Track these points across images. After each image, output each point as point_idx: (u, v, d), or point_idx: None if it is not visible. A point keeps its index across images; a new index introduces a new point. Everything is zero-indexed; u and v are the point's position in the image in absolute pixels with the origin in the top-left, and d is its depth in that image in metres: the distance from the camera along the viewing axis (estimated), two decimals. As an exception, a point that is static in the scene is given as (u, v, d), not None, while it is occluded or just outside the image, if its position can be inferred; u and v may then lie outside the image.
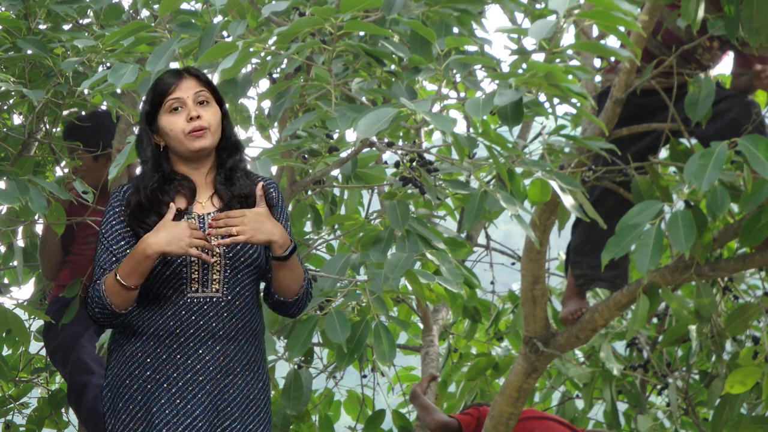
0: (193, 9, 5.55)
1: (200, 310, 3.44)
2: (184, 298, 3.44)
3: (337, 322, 4.13)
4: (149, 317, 3.45)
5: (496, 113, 3.79)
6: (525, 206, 4.20)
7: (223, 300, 3.46)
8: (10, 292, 6.62)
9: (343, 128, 3.86)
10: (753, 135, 4.26)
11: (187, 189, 3.52)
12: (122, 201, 3.51)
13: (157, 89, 3.53)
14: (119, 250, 3.46)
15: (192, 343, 3.44)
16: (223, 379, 3.45)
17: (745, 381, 5.34)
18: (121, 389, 3.46)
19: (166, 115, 3.51)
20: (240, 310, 3.48)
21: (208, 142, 3.50)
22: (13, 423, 6.64)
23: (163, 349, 3.44)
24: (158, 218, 3.44)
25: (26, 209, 5.42)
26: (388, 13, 3.97)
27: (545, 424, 5.59)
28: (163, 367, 3.43)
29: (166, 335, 3.44)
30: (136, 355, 3.45)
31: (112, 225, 3.49)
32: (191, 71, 3.56)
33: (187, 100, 3.50)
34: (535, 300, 5.10)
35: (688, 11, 4.43)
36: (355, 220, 5.36)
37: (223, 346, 3.45)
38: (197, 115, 3.48)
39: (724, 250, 5.55)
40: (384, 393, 7.00)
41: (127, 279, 3.37)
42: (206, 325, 3.44)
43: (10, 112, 5.93)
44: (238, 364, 3.47)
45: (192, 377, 3.43)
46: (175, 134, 3.49)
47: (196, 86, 3.52)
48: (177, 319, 3.44)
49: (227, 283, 3.46)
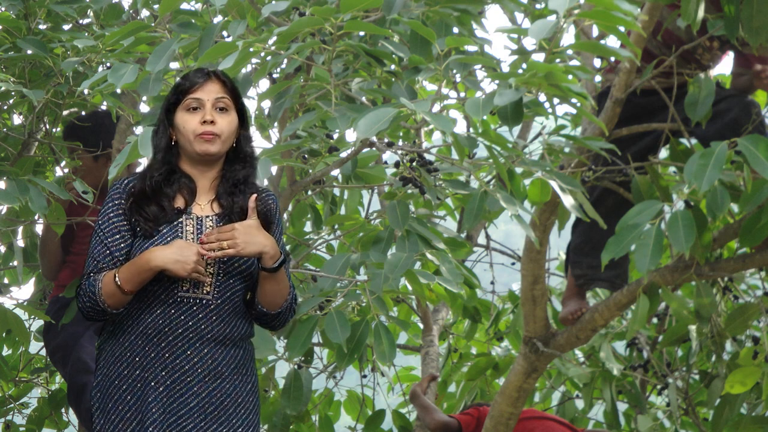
0: (193, 9, 5.54)
1: (189, 310, 3.45)
2: (174, 296, 3.45)
3: (337, 322, 4.13)
4: (138, 315, 3.46)
5: (496, 113, 3.79)
6: (525, 206, 4.20)
7: (212, 303, 3.47)
8: (10, 292, 6.61)
9: (343, 128, 3.86)
10: (753, 135, 4.26)
11: (187, 188, 3.53)
12: (122, 193, 3.51)
13: (181, 85, 3.54)
14: (113, 243, 3.47)
15: (180, 343, 3.44)
16: (212, 383, 3.46)
17: (745, 381, 5.34)
18: (110, 389, 3.47)
19: (183, 112, 3.52)
20: (229, 314, 3.49)
21: (215, 148, 3.51)
22: (13, 423, 6.64)
23: (152, 348, 3.44)
24: (157, 209, 3.46)
25: (26, 209, 5.41)
26: (388, 13, 3.97)
27: (545, 424, 5.59)
28: (151, 365, 3.44)
29: (155, 333, 3.44)
30: (125, 355, 3.46)
31: (109, 217, 3.50)
32: (219, 75, 3.57)
33: (206, 103, 3.51)
34: (535, 300, 5.10)
35: (688, 11, 4.43)
36: (355, 220, 5.36)
37: (211, 349, 3.46)
38: (211, 120, 3.50)
39: (724, 250, 5.55)
40: (384, 393, 7.00)
41: (126, 284, 3.40)
42: (195, 326, 3.45)
43: (10, 112, 5.93)
44: (226, 368, 3.48)
45: (180, 377, 3.44)
46: (186, 133, 3.51)
47: (218, 91, 3.54)
48: (166, 317, 3.44)
49: (218, 287, 3.47)
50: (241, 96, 3.59)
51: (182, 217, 3.49)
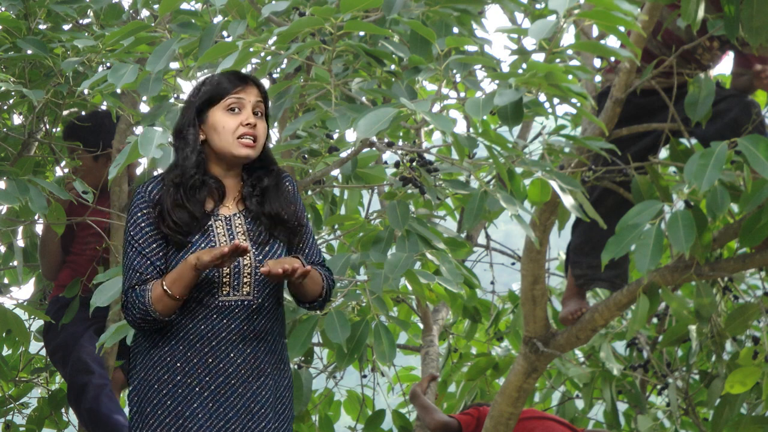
0: (193, 9, 5.55)
1: (231, 313, 3.45)
2: (215, 301, 3.44)
3: (337, 322, 4.13)
4: (179, 321, 3.45)
5: (496, 113, 3.79)
6: (525, 206, 4.19)
7: (254, 303, 3.47)
8: (10, 292, 6.62)
9: (343, 128, 3.86)
10: (753, 135, 4.26)
11: (217, 191, 3.52)
12: (149, 201, 3.48)
13: (221, 85, 3.51)
14: (152, 252, 3.45)
15: (224, 347, 3.44)
16: (255, 381, 3.46)
17: (745, 381, 5.34)
18: (149, 394, 3.45)
19: (222, 112, 3.50)
20: (269, 311, 3.50)
21: (255, 153, 3.51)
22: (13, 423, 6.64)
23: (194, 353, 3.43)
24: (188, 217, 3.44)
25: (26, 209, 5.42)
26: (388, 13, 3.97)
27: (545, 424, 5.59)
28: (194, 371, 3.43)
29: (197, 339, 3.43)
30: (164, 359, 3.45)
31: (141, 227, 3.47)
32: (256, 81, 3.56)
33: (248, 105, 3.51)
34: (535, 300, 5.10)
35: (688, 11, 4.43)
36: (355, 220, 5.36)
37: (253, 348, 3.46)
38: (254, 123, 3.49)
39: (724, 250, 5.55)
40: (384, 393, 7.00)
41: (172, 287, 3.39)
42: (237, 328, 3.45)
43: (10, 112, 5.93)
44: (267, 364, 3.49)
45: (224, 380, 3.43)
46: (225, 134, 3.49)
47: (257, 96, 3.54)
48: (208, 323, 3.44)
49: (257, 286, 3.47)
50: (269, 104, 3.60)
51: (210, 220, 3.48)
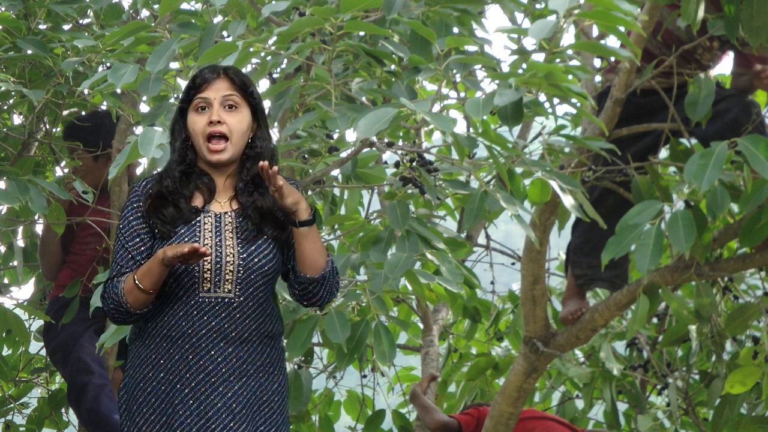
0: (193, 9, 5.55)
1: (212, 310, 3.43)
2: (195, 297, 3.43)
3: (337, 322, 4.13)
4: (161, 318, 3.45)
5: (496, 113, 3.79)
6: (525, 206, 4.19)
7: (235, 301, 3.44)
8: (10, 292, 6.62)
9: (343, 128, 3.86)
10: (753, 135, 4.26)
11: (206, 187, 3.51)
12: (141, 195, 3.50)
13: (190, 84, 3.51)
14: (133, 246, 3.46)
15: (204, 344, 3.42)
16: (236, 381, 3.43)
17: (745, 381, 5.34)
18: (135, 392, 3.45)
19: (193, 113, 3.50)
20: (253, 311, 3.46)
21: (226, 156, 3.48)
22: (13, 423, 6.65)
23: (176, 350, 3.43)
24: (174, 210, 3.44)
25: (26, 209, 5.42)
26: (388, 13, 3.97)
27: (545, 424, 5.59)
28: (176, 367, 3.42)
29: (179, 336, 3.43)
30: (150, 357, 3.44)
31: (129, 221, 3.49)
32: (228, 72, 3.51)
33: (214, 102, 3.48)
34: (535, 300, 5.10)
35: (688, 11, 4.43)
36: (355, 220, 5.36)
37: (235, 348, 3.44)
38: (218, 119, 3.46)
39: (724, 250, 5.55)
40: (384, 393, 7.00)
41: (142, 279, 3.39)
42: (218, 326, 3.43)
43: (10, 112, 5.93)
44: (251, 366, 3.46)
45: (204, 378, 3.42)
46: (196, 135, 3.49)
47: (227, 89, 3.49)
48: (189, 319, 3.43)
49: (240, 284, 3.44)
50: (254, 93, 3.53)
51: (200, 216, 3.47)
